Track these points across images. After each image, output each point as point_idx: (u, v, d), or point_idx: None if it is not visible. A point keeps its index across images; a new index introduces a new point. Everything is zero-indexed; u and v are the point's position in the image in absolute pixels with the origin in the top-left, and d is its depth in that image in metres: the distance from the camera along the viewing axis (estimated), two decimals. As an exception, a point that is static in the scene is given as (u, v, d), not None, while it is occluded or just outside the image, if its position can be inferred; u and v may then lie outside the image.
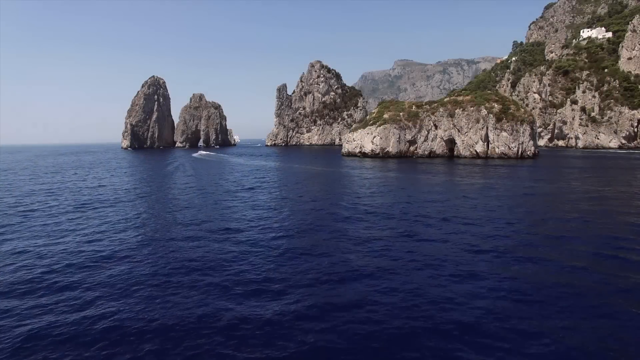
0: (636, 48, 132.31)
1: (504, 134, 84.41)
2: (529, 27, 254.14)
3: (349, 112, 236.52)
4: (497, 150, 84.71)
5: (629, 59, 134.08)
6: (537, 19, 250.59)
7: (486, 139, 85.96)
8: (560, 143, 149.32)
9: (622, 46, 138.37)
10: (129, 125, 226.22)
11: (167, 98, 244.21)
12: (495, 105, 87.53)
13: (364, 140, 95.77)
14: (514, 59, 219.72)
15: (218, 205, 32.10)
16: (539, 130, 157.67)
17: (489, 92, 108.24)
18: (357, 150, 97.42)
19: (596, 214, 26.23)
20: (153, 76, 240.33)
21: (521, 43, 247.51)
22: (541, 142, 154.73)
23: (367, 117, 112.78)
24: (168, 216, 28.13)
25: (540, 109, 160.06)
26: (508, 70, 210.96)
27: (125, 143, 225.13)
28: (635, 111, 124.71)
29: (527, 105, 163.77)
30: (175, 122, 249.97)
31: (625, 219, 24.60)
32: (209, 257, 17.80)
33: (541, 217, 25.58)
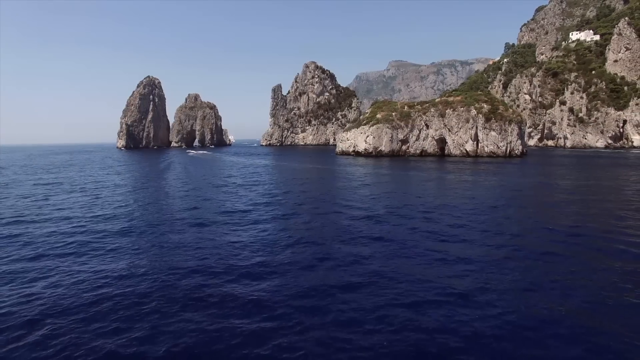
0: (622, 51, 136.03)
1: (493, 133, 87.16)
2: (521, 29, 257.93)
3: (343, 112, 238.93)
4: (486, 149, 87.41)
5: (615, 61, 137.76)
6: (528, 22, 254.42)
7: (476, 138, 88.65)
8: (550, 143, 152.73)
9: (609, 49, 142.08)
10: (124, 125, 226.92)
11: (162, 98, 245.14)
12: (485, 106, 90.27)
13: (358, 139, 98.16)
14: (505, 60, 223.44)
15: (214, 199, 34.25)
16: (529, 130, 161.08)
17: (479, 93, 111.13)
18: (351, 149, 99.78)
19: (569, 204, 28.76)
20: (148, 76, 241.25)
21: (513, 45, 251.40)
22: (531, 142, 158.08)
23: (361, 117, 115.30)
24: (165, 207, 30.27)
25: (530, 109, 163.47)
26: (500, 72, 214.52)
27: (121, 143, 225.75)
28: (621, 112, 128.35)
29: (518, 106, 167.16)
30: (171, 122, 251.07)
31: (590, 206, 27.14)
32: (206, 245, 20.00)
33: (519, 207, 28.04)
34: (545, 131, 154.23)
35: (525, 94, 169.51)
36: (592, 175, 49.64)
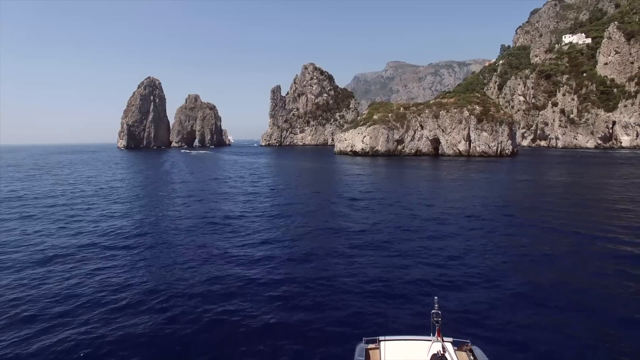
0: (612, 54, 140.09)
1: (484, 134, 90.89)
2: (516, 31, 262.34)
3: (341, 113, 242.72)
4: (478, 149, 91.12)
5: (605, 64, 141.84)
6: (523, 24, 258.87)
7: (468, 139, 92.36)
8: (543, 143, 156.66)
9: (599, 52, 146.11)
10: (125, 126, 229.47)
11: (162, 99, 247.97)
12: (477, 107, 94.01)
13: (355, 139, 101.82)
14: (501, 62, 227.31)
15: (222, 190, 37.77)
16: (523, 131, 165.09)
17: (471, 95, 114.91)
18: (349, 149, 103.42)
19: (538, 197, 32.41)
20: (149, 77, 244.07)
21: (508, 47, 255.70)
22: (525, 143, 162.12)
23: (358, 117, 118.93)
24: (172, 201, 33.81)
25: (524, 110, 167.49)
26: (495, 73, 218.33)
27: (122, 143, 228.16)
28: (610, 113, 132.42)
29: (512, 107, 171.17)
30: (171, 122, 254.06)
31: (560, 196, 30.81)
32: (210, 237, 23.54)
33: (496, 199, 31.70)
34: (538, 132, 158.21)
35: (520, 95, 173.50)
36: (570, 173, 53.38)
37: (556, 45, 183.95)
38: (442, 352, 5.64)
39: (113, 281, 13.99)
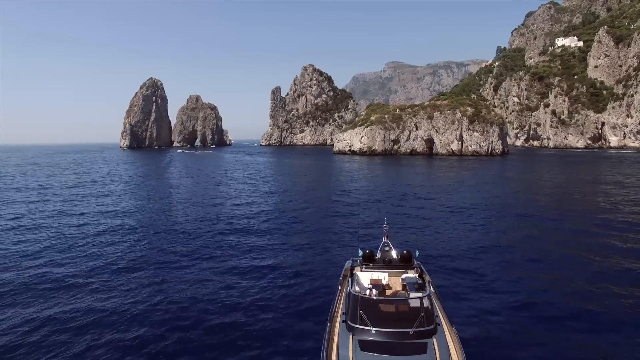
0: (601, 57, 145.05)
1: (476, 134, 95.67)
2: (511, 33, 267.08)
3: (340, 113, 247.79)
4: (470, 148, 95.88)
5: (596, 67, 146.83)
6: (518, 26, 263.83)
7: (460, 139, 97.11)
8: (535, 143, 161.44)
9: (590, 55, 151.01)
10: (127, 126, 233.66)
11: (164, 99, 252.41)
12: (469, 109, 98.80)
13: (353, 139, 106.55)
14: (496, 63, 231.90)
15: (231, 184, 42.38)
16: (516, 131, 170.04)
17: (464, 97, 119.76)
18: (347, 148, 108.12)
19: (507, 190, 37.11)
20: (151, 78, 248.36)
21: (504, 48, 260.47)
22: (518, 143, 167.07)
23: (356, 118, 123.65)
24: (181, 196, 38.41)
25: (517, 111, 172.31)
26: (491, 75, 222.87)
27: (124, 143, 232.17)
28: (599, 115, 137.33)
29: (507, 108, 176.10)
30: (173, 122, 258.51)
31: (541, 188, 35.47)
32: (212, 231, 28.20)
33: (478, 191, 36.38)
34: (531, 132, 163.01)
35: (514, 96, 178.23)
36: (548, 170, 58.13)
37: (549, 48, 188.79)
38: (386, 243, 10.21)
39: (131, 256, 18.72)
